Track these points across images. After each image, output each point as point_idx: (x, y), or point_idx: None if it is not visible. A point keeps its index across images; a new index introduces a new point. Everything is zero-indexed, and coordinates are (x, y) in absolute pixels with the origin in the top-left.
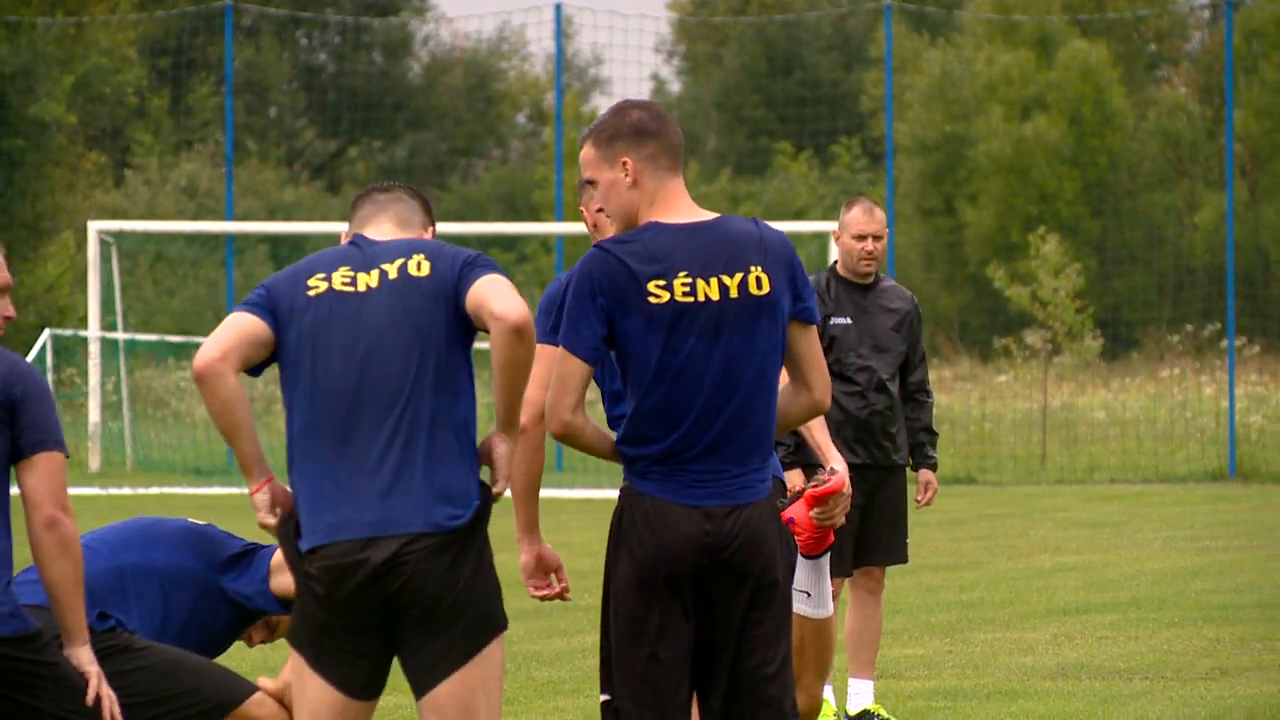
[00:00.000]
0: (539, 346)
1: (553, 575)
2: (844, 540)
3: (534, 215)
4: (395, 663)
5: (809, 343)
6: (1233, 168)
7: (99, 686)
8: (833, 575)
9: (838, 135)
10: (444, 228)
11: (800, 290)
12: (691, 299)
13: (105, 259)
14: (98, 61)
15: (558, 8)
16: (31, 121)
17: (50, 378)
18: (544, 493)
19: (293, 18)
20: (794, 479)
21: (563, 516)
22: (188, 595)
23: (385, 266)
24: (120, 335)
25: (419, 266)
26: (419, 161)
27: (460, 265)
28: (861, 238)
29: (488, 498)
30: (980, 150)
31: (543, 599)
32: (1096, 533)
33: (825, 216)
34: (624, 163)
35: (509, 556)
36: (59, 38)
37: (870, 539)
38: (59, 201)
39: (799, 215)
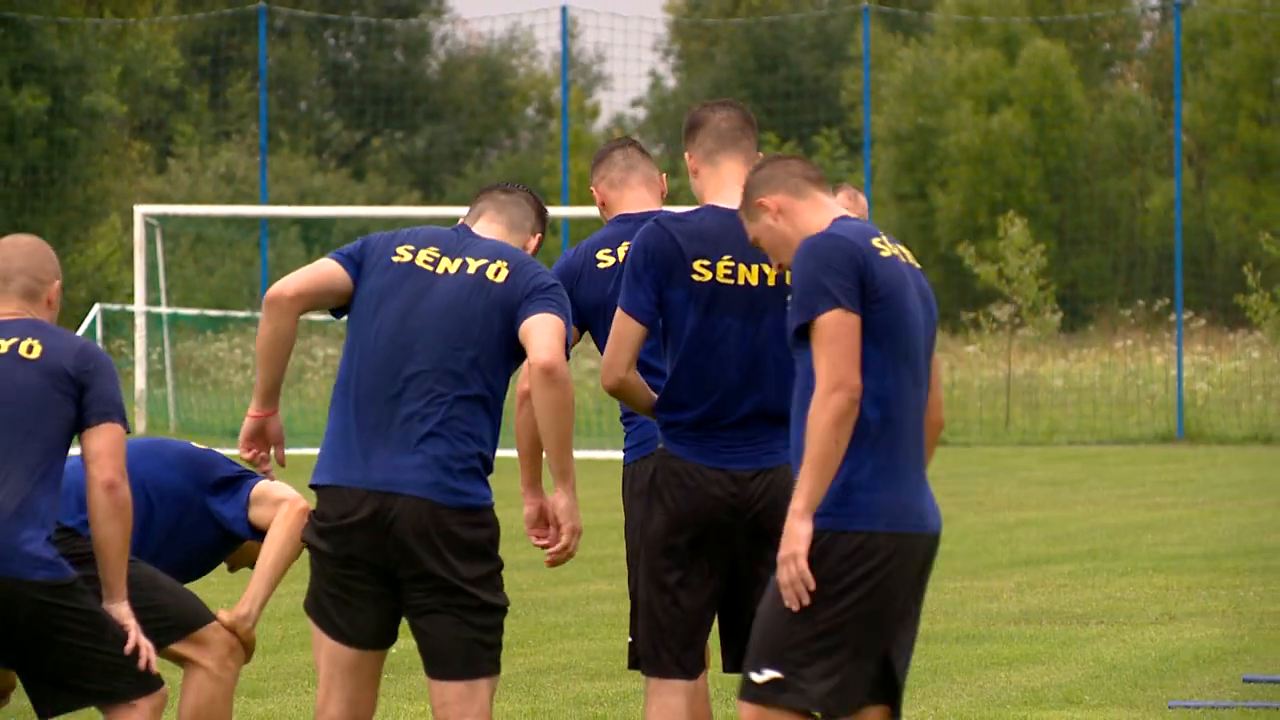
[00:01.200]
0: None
1: (553, 528)
2: None
3: (549, 198)
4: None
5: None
6: (1181, 157)
7: (137, 638)
8: None
9: (819, 127)
10: (459, 211)
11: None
12: (731, 281)
13: (150, 240)
14: (139, 49)
15: (564, 10)
16: (84, 112)
17: (99, 344)
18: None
19: (321, 19)
20: None
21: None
22: (173, 509)
23: (469, 260)
24: (164, 310)
25: (498, 273)
26: (436, 151)
27: (531, 289)
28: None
29: (489, 507)
30: (950, 141)
31: (544, 549)
32: (1056, 490)
33: None
34: (687, 157)
35: (516, 512)
36: (106, 35)
37: None
38: (108, 186)
39: None
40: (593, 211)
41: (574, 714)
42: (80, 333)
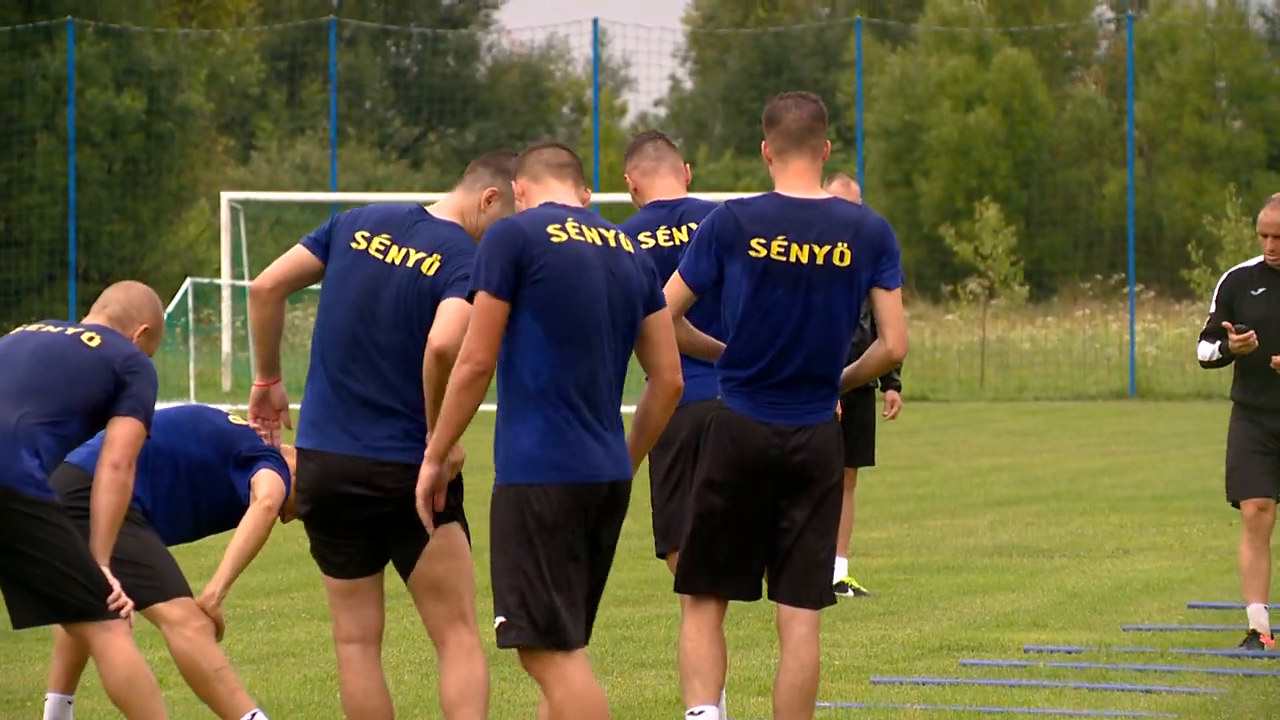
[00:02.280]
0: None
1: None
2: None
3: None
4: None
5: (884, 303)
6: (1133, 150)
7: (112, 580)
8: None
9: None
10: None
11: (882, 264)
12: (784, 259)
13: (234, 222)
14: (225, 56)
15: (595, 22)
16: (177, 110)
17: (191, 317)
18: None
19: (383, 29)
20: None
21: None
22: (197, 476)
23: (411, 251)
24: (246, 283)
25: (430, 266)
26: (484, 144)
27: (452, 279)
28: None
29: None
30: (932, 135)
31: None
32: (1024, 440)
33: None
34: (764, 146)
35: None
36: (196, 43)
37: (845, 446)
38: (198, 175)
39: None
40: (621, 197)
41: (604, 636)
42: (174, 304)
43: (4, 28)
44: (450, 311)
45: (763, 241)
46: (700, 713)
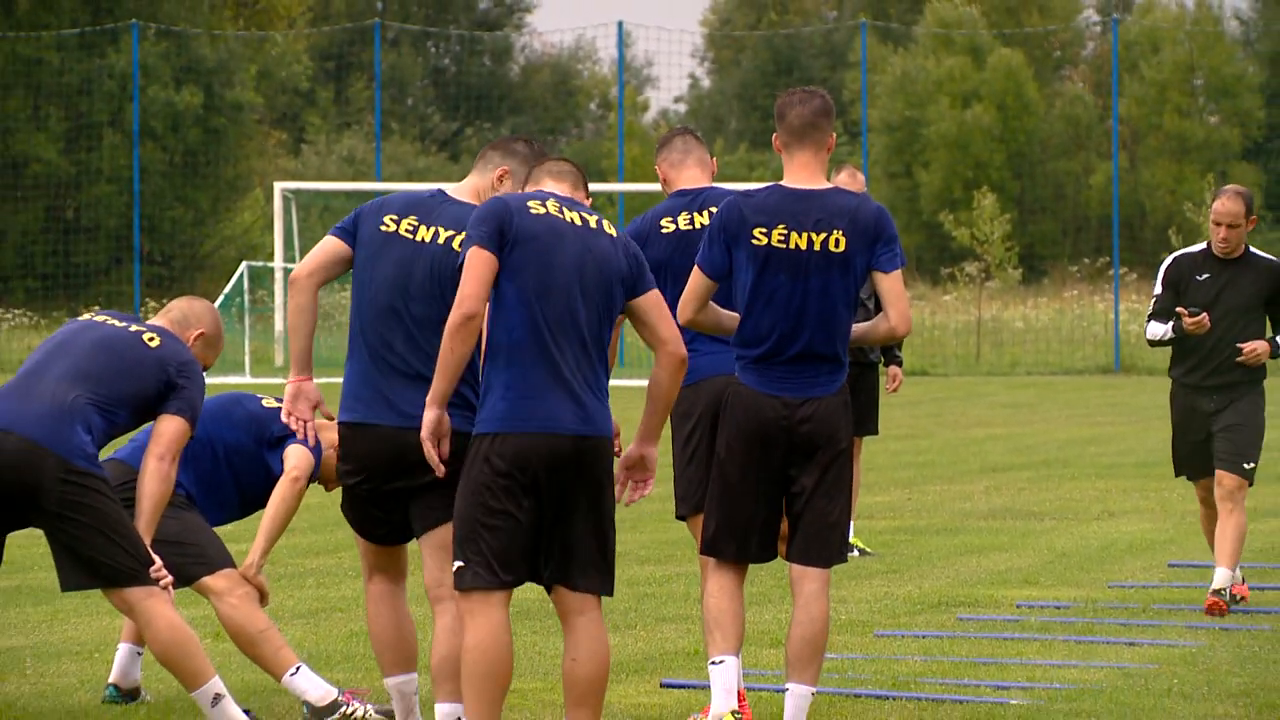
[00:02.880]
0: None
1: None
2: None
3: (601, 177)
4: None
5: (884, 285)
6: (1117, 143)
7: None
8: None
9: None
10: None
11: (878, 249)
12: (784, 246)
13: (286, 210)
14: (276, 55)
15: (619, 25)
16: (230, 105)
17: (246, 298)
18: (613, 383)
19: (424, 31)
20: None
21: (624, 400)
22: (235, 460)
23: (440, 229)
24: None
25: (458, 242)
26: None
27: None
28: None
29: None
30: (931, 130)
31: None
32: (1016, 411)
33: None
34: (774, 138)
35: None
36: (249, 42)
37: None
38: (252, 166)
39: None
40: (643, 187)
41: (628, 593)
42: (230, 285)
43: (72, 30)
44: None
45: (764, 230)
46: (721, 662)
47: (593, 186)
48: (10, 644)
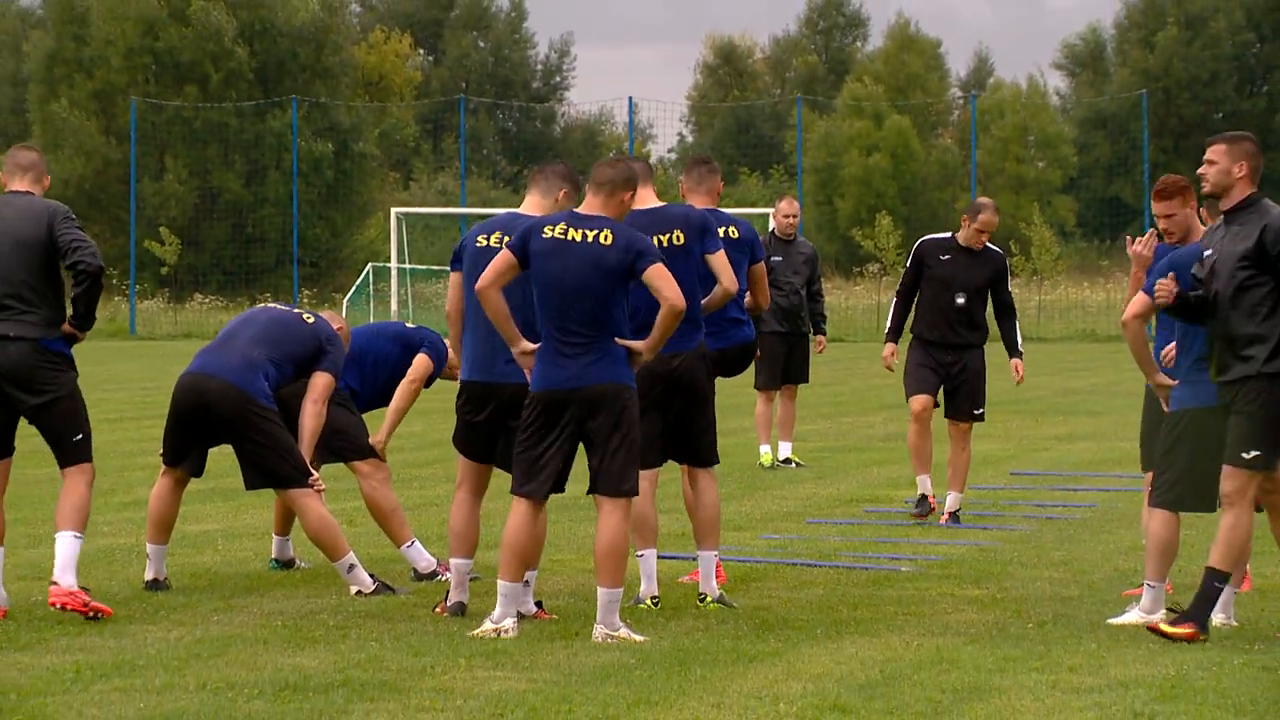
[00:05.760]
0: None
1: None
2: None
3: None
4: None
5: (714, 263)
6: (975, 180)
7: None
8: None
9: (773, 163)
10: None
11: (706, 240)
12: (660, 246)
13: (399, 228)
14: (392, 121)
15: (630, 99)
16: (358, 155)
17: (371, 289)
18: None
19: (495, 103)
20: None
21: None
22: (383, 367)
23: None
24: (407, 266)
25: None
26: None
27: None
28: (787, 215)
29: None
30: (845, 171)
31: None
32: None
33: (766, 205)
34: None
35: None
36: (372, 110)
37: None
38: (374, 197)
39: (753, 205)
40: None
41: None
42: (358, 280)
43: (249, 102)
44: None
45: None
46: (642, 555)
47: None
48: (207, 528)
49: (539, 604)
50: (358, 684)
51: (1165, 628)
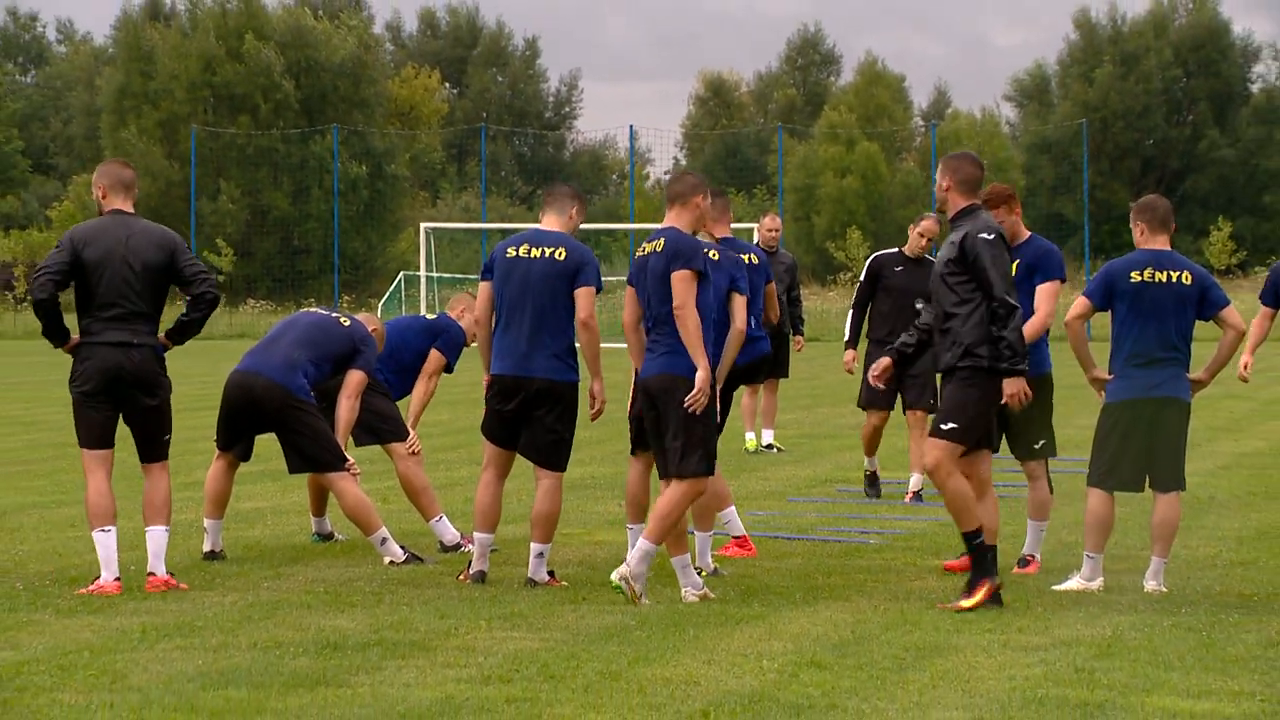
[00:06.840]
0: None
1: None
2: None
3: (619, 219)
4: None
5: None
6: (935, 199)
7: (352, 460)
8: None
9: (756, 184)
10: (583, 226)
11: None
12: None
13: (428, 241)
14: (421, 145)
15: (630, 127)
16: (389, 178)
17: (403, 295)
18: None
19: (512, 130)
20: None
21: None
22: (411, 357)
23: (545, 249)
24: (435, 274)
25: (559, 255)
26: None
27: (579, 268)
28: (770, 230)
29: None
30: (821, 191)
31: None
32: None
33: (751, 220)
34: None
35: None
36: (402, 136)
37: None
38: (405, 215)
39: (739, 220)
40: (646, 226)
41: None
42: (391, 287)
43: (295, 129)
44: (582, 295)
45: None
46: (631, 528)
47: (611, 225)
48: (258, 505)
49: (551, 573)
50: (390, 643)
51: (963, 603)
